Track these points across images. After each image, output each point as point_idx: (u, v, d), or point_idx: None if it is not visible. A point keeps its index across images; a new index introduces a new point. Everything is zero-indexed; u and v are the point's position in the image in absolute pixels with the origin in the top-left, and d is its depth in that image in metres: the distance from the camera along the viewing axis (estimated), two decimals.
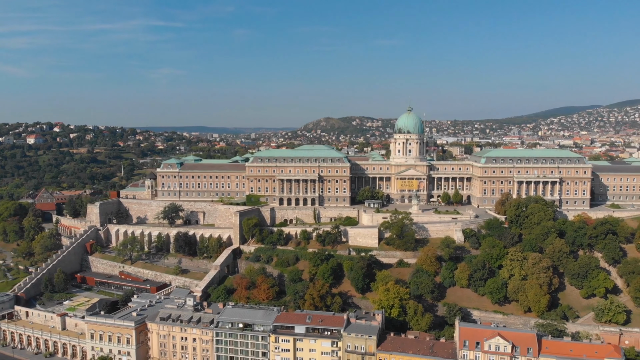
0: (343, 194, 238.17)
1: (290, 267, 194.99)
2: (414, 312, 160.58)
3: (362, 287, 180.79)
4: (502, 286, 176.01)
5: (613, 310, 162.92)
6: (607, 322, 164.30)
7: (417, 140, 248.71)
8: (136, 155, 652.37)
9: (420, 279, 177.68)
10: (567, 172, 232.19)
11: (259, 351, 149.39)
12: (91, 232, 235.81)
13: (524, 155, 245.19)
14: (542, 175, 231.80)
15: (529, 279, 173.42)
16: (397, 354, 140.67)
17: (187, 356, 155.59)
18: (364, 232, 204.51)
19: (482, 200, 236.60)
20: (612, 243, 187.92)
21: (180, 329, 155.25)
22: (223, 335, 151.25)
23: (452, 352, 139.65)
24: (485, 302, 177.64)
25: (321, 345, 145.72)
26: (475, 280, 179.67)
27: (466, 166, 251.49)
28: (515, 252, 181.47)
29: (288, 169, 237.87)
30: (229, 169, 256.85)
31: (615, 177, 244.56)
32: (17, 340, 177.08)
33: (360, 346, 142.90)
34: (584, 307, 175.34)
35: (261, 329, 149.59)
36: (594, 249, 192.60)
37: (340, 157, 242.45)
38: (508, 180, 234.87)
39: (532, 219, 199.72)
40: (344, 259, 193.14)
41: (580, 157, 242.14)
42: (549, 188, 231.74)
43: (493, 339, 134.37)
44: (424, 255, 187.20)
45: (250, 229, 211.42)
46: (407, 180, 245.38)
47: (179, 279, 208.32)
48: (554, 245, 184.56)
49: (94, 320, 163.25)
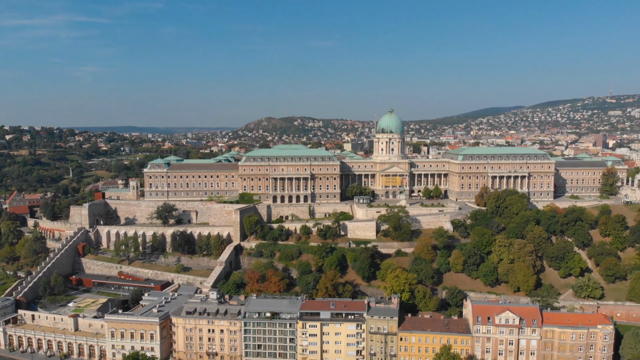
0: (334, 190, 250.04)
1: (295, 261, 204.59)
2: (422, 295, 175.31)
3: (367, 275, 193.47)
4: (494, 270, 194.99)
5: (590, 286, 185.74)
6: (585, 297, 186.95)
7: (399, 140, 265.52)
8: (81, 157, 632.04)
9: (420, 266, 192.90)
10: (534, 167, 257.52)
11: (286, 337, 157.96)
12: (81, 234, 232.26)
13: (496, 152, 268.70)
14: (513, 170, 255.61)
15: (516, 262, 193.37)
16: (416, 332, 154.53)
17: (214, 347, 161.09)
18: (363, 225, 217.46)
19: (460, 194, 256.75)
20: (582, 229, 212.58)
21: (207, 322, 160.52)
22: (251, 325, 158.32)
23: (465, 327, 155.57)
24: (479, 285, 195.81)
25: (347, 328, 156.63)
26: (469, 265, 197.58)
27: (443, 163, 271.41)
28: (502, 239, 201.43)
29: (281, 168, 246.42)
30: (219, 168, 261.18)
31: (572, 172, 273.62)
32: (26, 344, 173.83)
33: (382, 327, 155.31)
34: (562, 285, 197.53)
35: (288, 316, 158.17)
36: (565, 235, 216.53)
37: (330, 156, 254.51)
38: (483, 175, 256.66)
39: (511, 209, 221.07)
40: (347, 250, 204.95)
41: (545, 154, 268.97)
42: (519, 182, 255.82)
43: (503, 313, 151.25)
44: (421, 245, 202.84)
45: (252, 226, 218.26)
46: (391, 177, 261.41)
47: (182, 276, 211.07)
48: (534, 232, 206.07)
49: (115, 318, 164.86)
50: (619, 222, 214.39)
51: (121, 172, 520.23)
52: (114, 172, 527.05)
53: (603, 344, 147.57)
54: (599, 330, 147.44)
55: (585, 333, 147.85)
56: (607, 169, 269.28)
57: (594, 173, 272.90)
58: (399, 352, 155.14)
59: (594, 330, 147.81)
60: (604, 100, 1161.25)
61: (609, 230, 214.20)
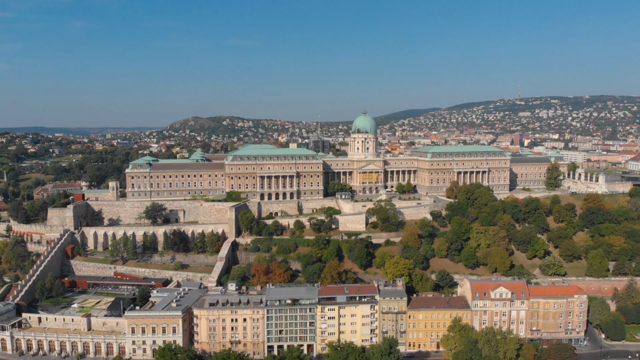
0: (317, 187, 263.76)
1: (293, 253, 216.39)
2: (419, 278, 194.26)
3: (365, 264, 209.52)
4: (473, 254, 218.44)
5: (556, 264, 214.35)
6: (551, 274, 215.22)
7: (373, 139, 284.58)
8: (10, 159, 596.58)
9: (410, 253, 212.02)
10: (492, 163, 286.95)
11: (306, 322, 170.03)
12: (67, 235, 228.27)
13: (460, 150, 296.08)
14: (475, 166, 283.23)
15: (492, 247, 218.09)
16: (423, 309, 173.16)
17: (236, 336, 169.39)
18: (353, 218, 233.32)
19: (430, 188, 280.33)
20: (540, 217, 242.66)
21: (230, 312, 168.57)
22: (273, 312, 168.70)
23: (464, 303, 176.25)
24: (461, 268, 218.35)
25: (362, 309, 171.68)
26: (452, 251, 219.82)
27: (412, 160, 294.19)
28: (478, 227, 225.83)
29: (267, 166, 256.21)
30: (202, 168, 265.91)
31: (522, 167, 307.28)
32: (36, 347, 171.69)
33: (393, 307, 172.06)
34: (529, 265, 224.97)
35: (307, 302, 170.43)
36: (526, 222, 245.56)
37: (314, 155, 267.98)
38: (449, 171, 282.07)
39: (481, 200, 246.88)
40: (342, 242, 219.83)
41: (501, 152, 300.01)
42: (480, 176, 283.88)
43: (497, 289, 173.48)
44: (408, 234, 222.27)
45: (247, 222, 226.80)
46: (368, 174, 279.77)
47: (180, 273, 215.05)
48: (504, 220, 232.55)
49: (135, 314, 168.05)
50: (569, 210, 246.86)
51: (61, 174, 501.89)
52: (51, 174, 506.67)
53: (579, 310, 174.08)
54: (576, 300, 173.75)
55: (564, 302, 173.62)
56: (551, 164, 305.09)
57: (540, 168, 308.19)
58: (408, 328, 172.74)
59: (571, 300, 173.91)
60: (514, 102, 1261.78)
61: (562, 217, 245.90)
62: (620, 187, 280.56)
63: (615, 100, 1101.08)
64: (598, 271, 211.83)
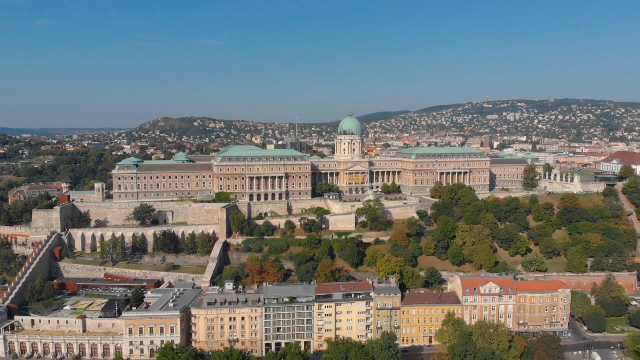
0: (306, 187, 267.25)
1: (285, 253, 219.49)
2: (410, 275, 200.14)
3: (356, 262, 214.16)
4: (459, 251, 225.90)
5: (538, 261, 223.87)
6: (533, 270, 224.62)
7: (359, 141, 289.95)
8: None
9: (399, 251, 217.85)
10: (473, 164, 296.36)
11: (303, 319, 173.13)
12: (55, 237, 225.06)
13: (443, 152, 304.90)
14: (457, 167, 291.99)
15: (477, 244, 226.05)
16: (416, 305, 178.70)
17: (235, 334, 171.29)
18: (343, 218, 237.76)
19: (414, 188, 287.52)
20: (521, 215, 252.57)
21: (228, 310, 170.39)
22: (271, 310, 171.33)
23: (455, 298, 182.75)
24: (448, 265, 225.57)
25: (357, 306, 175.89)
26: (439, 248, 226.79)
27: (396, 162, 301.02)
28: (463, 225, 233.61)
29: (256, 167, 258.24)
30: (190, 168, 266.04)
31: (500, 168, 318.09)
32: (30, 350, 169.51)
33: (387, 303, 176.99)
34: (512, 262, 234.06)
35: (305, 299, 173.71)
36: (508, 220, 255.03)
37: (302, 156, 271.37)
38: (432, 171, 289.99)
39: (464, 199, 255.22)
40: (333, 241, 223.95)
41: (482, 153, 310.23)
42: (462, 177, 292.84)
43: (487, 284, 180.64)
44: (396, 233, 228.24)
45: (238, 223, 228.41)
46: (354, 175, 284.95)
47: (172, 274, 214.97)
48: (487, 219, 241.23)
49: (133, 315, 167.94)
50: (548, 209, 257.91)
51: (34, 176, 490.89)
52: (23, 176, 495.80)
53: (563, 303, 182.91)
54: (560, 293, 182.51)
55: (549, 296, 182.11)
56: (527, 165, 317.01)
57: (517, 169, 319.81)
58: (402, 323, 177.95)
59: (555, 294, 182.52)
60: (482, 105, 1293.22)
61: (541, 215, 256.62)
62: (594, 187, 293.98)
63: (580, 103, 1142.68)
64: (577, 267, 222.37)
